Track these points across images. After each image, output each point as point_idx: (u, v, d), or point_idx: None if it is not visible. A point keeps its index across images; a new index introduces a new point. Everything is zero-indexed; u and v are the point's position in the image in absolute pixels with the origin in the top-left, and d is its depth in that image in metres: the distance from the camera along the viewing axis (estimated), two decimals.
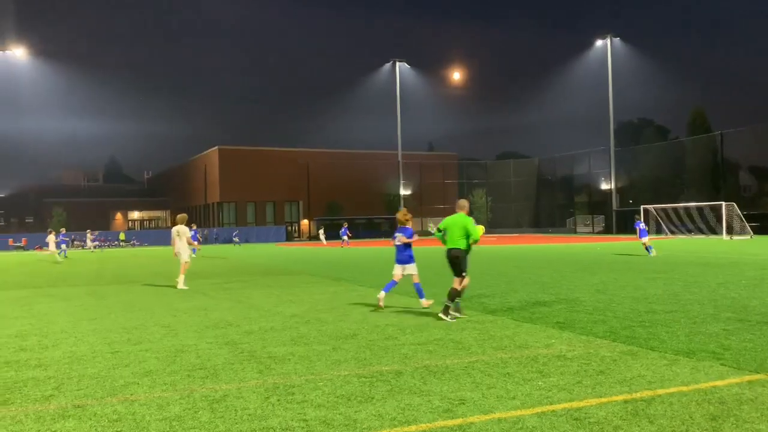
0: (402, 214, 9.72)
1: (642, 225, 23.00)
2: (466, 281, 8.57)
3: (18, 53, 64.33)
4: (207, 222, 70.56)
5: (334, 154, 72.60)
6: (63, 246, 34.05)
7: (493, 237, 48.75)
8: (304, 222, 70.07)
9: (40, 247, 55.21)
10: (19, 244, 58.03)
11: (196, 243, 23.52)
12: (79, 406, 4.71)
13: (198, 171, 74.97)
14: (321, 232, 51.47)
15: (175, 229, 14.37)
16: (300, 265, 22.15)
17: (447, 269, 8.81)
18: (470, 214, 8.99)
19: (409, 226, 9.56)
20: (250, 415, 4.42)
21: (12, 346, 7.27)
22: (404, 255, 9.47)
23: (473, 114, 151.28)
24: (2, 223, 67.77)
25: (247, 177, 67.61)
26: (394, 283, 9.58)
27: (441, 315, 8.32)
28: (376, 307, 9.54)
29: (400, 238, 9.44)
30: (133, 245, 50.62)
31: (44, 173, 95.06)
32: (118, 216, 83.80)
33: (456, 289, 8.37)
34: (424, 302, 9.44)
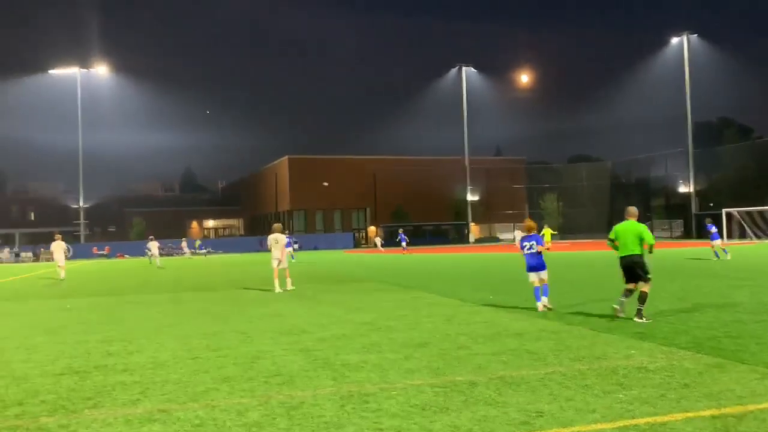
0: (529, 223, 10.55)
1: (713, 228, 22.00)
2: (647, 286, 8.79)
3: (101, 71, 67.85)
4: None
5: (400, 161, 72.83)
6: (150, 252, 35.35)
7: (566, 243, 47.61)
8: (371, 229, 70.60)
9: (122, 255, 57.92)
10: (102, 252, 60.99)
11: (290, 249, 24.09)
12: (163, 411, 4.90)
13: (269, 180, 76.86)
14: (378, 239, 51.86)
15: (273, 237, 15.06)
16: (367, 272, 22.30)
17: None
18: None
19: (534, 233, 10.23)
20: (326, 422, 4.48)
21: (100, 351, 7.63)
22: (538, 262, 9.96)
23: (542, 117, 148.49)
24: (87, 232, 71.44)
25: (316, 185, 68.82)
26: (537, 289, 9.98)
27: (636, 319, 8.56)
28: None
29: (533, 245, 9.95)
30: (208, 253, 52.40)
31: (125, 184, 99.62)
32: (194, 224, 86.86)
33: (645, 293, 8.71)
34: (542, 304, 9.82)
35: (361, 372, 6.04)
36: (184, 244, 50.33)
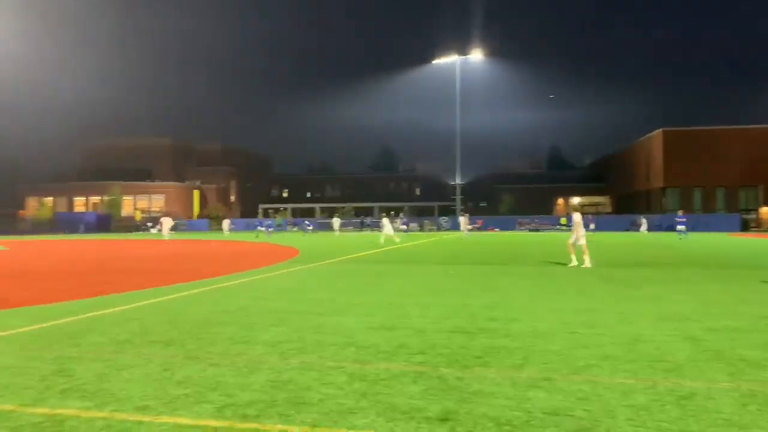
0: None
1: None
2: None
3: (476, 57, 72.65)
4: (649, 208, 67.70)
5: None
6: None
7: None
8: (765, 210, 60.93)
9: (493, 228, 61.73)
10: (475, 225, 65.88)
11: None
12: (546, 379, 5.06)
13: (640, 155, 72.49)
14: None
15: (579, 216, 16.71)
16: (759, 259, 19.35)
17: None
18: None
19: None
20: (725, 420, 4.05)
21: (483, 315, 8.27)
22: None
23: None
24: (462, 207, 77.99)
25: (694, 160, 62.33)
26: None
27: None
28: None
29: None
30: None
31: (496, 162, 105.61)
32: (560, 201, 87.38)
33: None
34: None
35: (764, 371, 5.28)
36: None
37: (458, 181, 74.76)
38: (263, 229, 50.57)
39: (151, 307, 9.11)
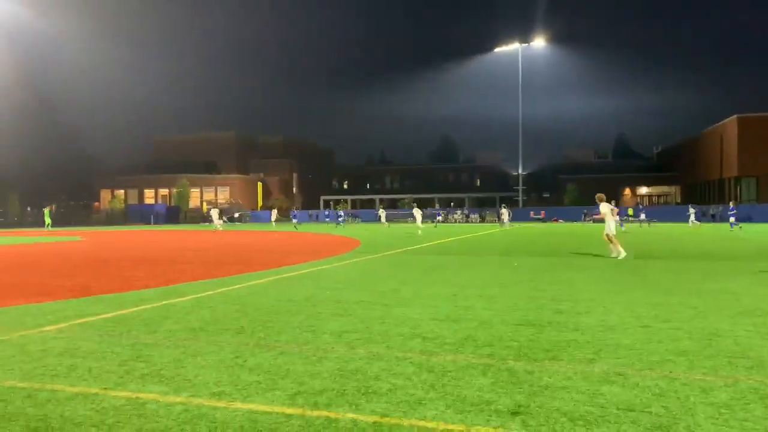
0: None
1: None
2: None
3: (539, 43, 71.18)
4: (722, 198, 64.84)
5: None
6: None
7: None
8: None
9: (557, 219, 60.49)
10: (538, 216, 64.78)
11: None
12: (620, 374, 4.92)
13: (712, 143, 69.47)
14: None
15: (608, 206, 17.02)
16: None
17: None
18: None
19: None
20: None
21: (550, 308, 8.11)
22: None
23: None
24: (524, 198, 76.80)
25: None
26: None
27: None
28: None
29: None
30: (642, 222, 50.31)
31: (559, 152, 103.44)
32: (627, 192, 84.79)
33: None
34: None
35: None
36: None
37: (520, 171, 73.61)
38: (296, 220, 52.40)
39: (221, 296, 9.37)
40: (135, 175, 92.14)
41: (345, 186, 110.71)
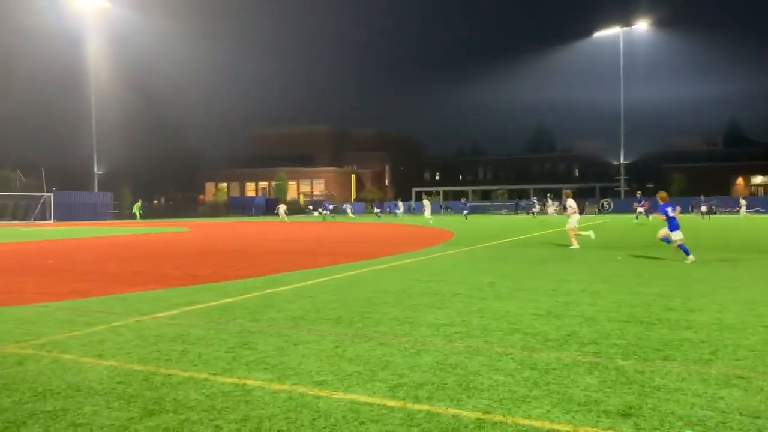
0: None
1: None
2: None
3: (641, 27, 67.82)
4: None
5: None
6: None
7: None
8: None
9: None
10: (641, 208, 61.74)
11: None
12: (741, 377, 4.58)
13: None
14: None
15: (574, 202, 17.06)
16: None
17: None
18: None
19: None
20: None
21: (659, 304, 7.69)
22: None
23: None
24: (626, 188, 73.46)
25: None
26: None
27: None
28: None
29: None
30: (757, 212, 46.74)
31: (664, 139, 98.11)
32: (739, 181, 79.39)
33: None
34: None
35: None
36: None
37: (622, 160, 70.55)
38: (326, 212, 52.84)
39: (320, 286, 9.56)
40: (236, 168, 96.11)
41: (436, 177, 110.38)
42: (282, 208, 49.34)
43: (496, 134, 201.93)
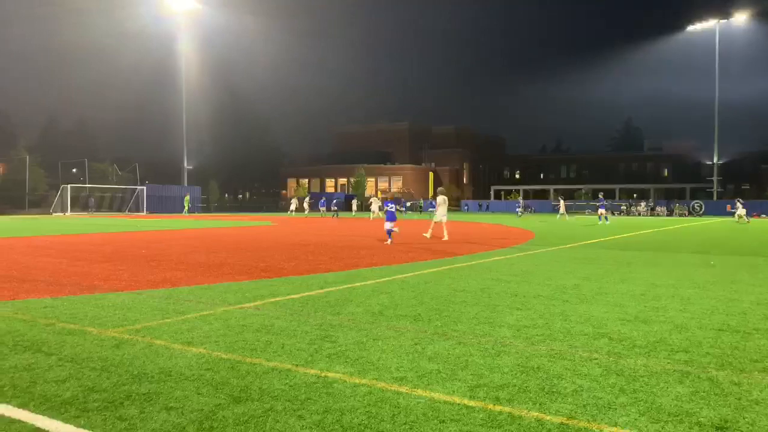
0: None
1: None
2: None
3: (740, 19, 64.07)
4: None
5: None
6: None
7: None
8: None
9: (758, 215, 54.29)
10: (734, 210, 58.47)
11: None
12: None
13: None
14: None
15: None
16: None
17: None
18: None
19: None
20: None
21: (756, 312, 7.25)
22: None
23: None
24: (720, 189, 69.67)
25: None
26: None
27: None
28: None
29: None
30: None
31: (764, 138, 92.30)
32: None
33: None
34: None
35: None
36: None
37: (716, 160, 66.95)
38: (326, 209, 49.77)
39: (398, 283, 9.61)
40: (317, 164, 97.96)
41: (517, 176, 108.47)
42: (375, 203, 44.41)
43: (581, 132, 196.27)
